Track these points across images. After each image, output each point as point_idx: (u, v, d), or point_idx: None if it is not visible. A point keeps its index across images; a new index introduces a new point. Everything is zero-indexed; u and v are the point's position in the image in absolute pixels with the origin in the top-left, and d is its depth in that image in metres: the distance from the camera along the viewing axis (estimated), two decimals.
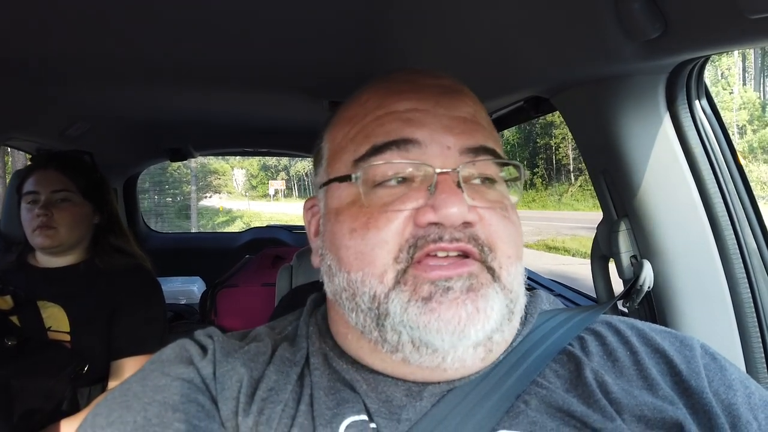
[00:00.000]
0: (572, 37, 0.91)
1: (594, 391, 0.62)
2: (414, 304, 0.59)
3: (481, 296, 0.59)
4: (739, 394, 0.64)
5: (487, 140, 0.66)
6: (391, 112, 0.65)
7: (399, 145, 0.63)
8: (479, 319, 0.58)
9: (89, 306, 1.63)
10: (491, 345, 0.62)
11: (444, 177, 0.61)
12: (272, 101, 2.08)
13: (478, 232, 0.61)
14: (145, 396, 0.61)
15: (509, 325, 0.63)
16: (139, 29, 1.14)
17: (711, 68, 35.25)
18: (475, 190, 0.64)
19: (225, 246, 3.90)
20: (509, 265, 0.63)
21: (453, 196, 0.59)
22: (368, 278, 0.61)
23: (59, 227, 1.64)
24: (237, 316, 2.61)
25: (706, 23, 0.69)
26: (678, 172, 1.03)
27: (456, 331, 0.58)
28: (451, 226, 0.59)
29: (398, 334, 0.60)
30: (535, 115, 1.44)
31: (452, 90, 0.69)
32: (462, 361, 0.60)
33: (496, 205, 0.64)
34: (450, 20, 1.02)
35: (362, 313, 0.63)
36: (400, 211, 0.61)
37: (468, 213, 0.60)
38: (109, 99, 1.96)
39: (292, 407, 0.62)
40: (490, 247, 0.62)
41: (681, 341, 0.69)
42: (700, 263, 1.03)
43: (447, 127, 0.64)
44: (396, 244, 0.61)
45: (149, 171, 23.73)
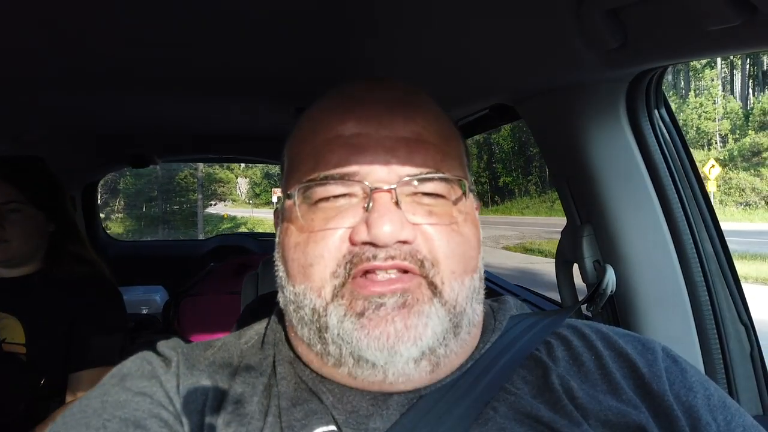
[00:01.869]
0: (535, 46, 0.93)
1: (560, 396, 0.63)
2: (348, 318, 0.59)
3: (414, 313, 0.59)
4: (699, 396, 0.65)
5: (432, 159, 0.65)
6: (336, 137, 0.65)
7: (343, 177, 0.63)
8: (409, 336, 0.58)
9: (46, 317, 1.57)
10: (436, 359, 0.62)
11: (380, 195, 0.61)
12: (237, 107, 2.06)
13: (418, 247, 0.61)
14: (105, 412, 0.60)
15: (455, 339, 0.63)
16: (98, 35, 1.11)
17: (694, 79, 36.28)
18: (418, 205, 0.63)
19: (189, 254, 3.83)
20: (452, 280, 0.62)
21: (386, 215, 0.59)
22: (308, 292, 0.62)
23: (11, 240, 1.56)
24: (201, 325, 2.56)
25: (664, 35, 0.71)
26: (639, 179, 1.06)
27: (386, 348, 0.58)
28: (384, 245, 0.59)
29: (339, 348, 0.61)
30: (500, 123, 1.46)
31: (400, 104, 0.68)
32: (405, 375, 0.60)
33: (442, 220, 0.63)
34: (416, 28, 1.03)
35: (306, 326, 0.63)
36: (337, 228, 0.62)
37: (402, 231, 0.60)
38: (67, 104, 1.91)
39: (259, 419, 0.61)
40: (432, 261, 0.61)
41: (643, 345, 0.71)
42: (660, 268, 1.05)
43: (389, 149, 0.63)
44: (333, 260, 0.61)
45: (157, 179, 23.12)
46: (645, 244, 1.05)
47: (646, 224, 1.05)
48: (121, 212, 31.29)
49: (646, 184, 1.05)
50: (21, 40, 1.15)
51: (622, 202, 1.06)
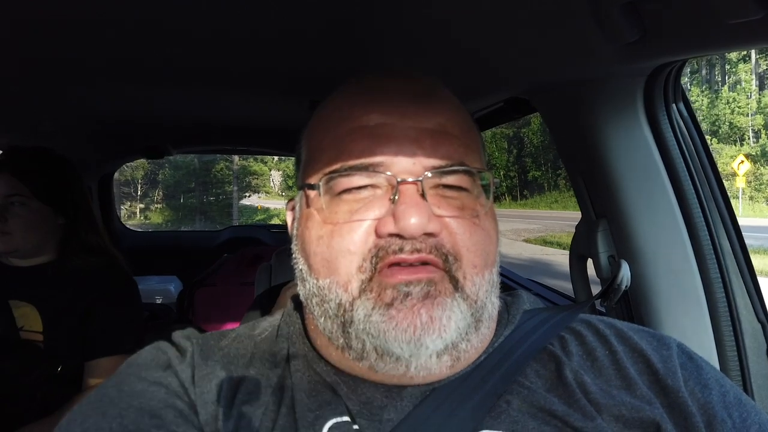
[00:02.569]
0: (552, 39, 0.92)
1: (574, 391, 0.63)
2: (377, 311, 0.59)
3: (437, 304, 0.59)
4: (715, 393, 0.65)
5: (456, 151, 0.65)
6: (360, 127, 0.65)
7: (368, 168, 0.63)
8: (434, 329, 0.58)
9: (62, 305, 1.60)
10: (458, 353, 0.62)
11: (407, 186, 0.61)
12: (251, 99, 2.06)
13: (442, 241, 0.61)
14: (122, 402, 0.60)
15: (476, 333, 0.63)
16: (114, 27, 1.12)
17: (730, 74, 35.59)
18: (442, 198, 0.63)
19: (203, 245, 3.86)
20: (474, 275, 0.62)
21: (413, 207, 0.59)
22: (334, 286, 0.62)
23: (14, 233, 1.58)
24: (215, 315, 2.58)
25: (684, 28, 0.70)
26: (655, 174, 1.04)
27: (412, 340, 0.58)
28: (411, 237, 0.59)
29: (362, 342, 0.60)
30: (515, 117, 1.45)
31: (423, 96, 0.67)
32: (427, 369, 0.60)
33: (465, 213, 0.63)
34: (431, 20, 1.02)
35: (330, 320, 0.63)
36: (363, 221, 0.61)
37: (429, 223, 0.59)
38: (83, 96, 1.92)
39: (272, 410, 0.61)
40: (455, 256, 0.61)
41: (658, 340, 0.70)
42: (676, 264, 1.04)
43: (414, 140, 0.63)
44: (360, 254, 0.61)
45: (195, 172, 23.74)
46: (661, 239, 1.04)
47: (662, 220, 1.04)
48: (160, 203, 32.44)
49: (662, 179, 1.04)
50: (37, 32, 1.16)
51: (638, 197, 1.05)
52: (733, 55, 32.18)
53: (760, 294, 1.05)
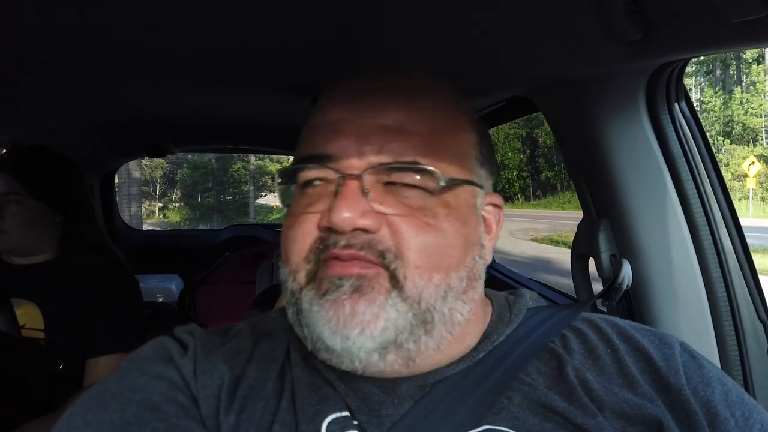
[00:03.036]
0: (554, 37, 0.92)
1: (575, 388, 0.63)
2: (316, 302, 0.60)
3: (364, 300, 0.58)
4: (717, 391, 0.65)
5: (411, 149, 0.63)
6: (323, 123, 0.66)
7: (318, 159, 0.64)
8: (356, 322, 0.58)
9: (63, 304, 1.60)
10: (407, 354, 0.61)
11: (346, 182, 0.61)
12: (253, 98, 2.06)
13: (379, 238, 0.60)
14: (123, 395, 0.60)
15: (429, 335, 0.62)
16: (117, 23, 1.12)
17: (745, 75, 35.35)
18: (391, 195, 0.62)
19: (204, 243, 3.87)
20: (417, 275, 0.60)
21: (344, 200, 0.59)
22: (287, 275, 0.64)
23: (9, 231, 1.59)
24: (216, 314, 2.59)
25: (687, 26, 0.70)
26: (657, 173, 1.04)
27: (337, 331, 0.58)
28: (342, 232, 0.59)
29: (311, 332, 0.61)
30: (517, 116, 1.45)
31: (387, 92, 0.67)
32: (375, 366, 0.60)
33: (417, 213, 0.62)
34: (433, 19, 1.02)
35: (290, 308, 0.64)
36: (312, 213, 0.63)
37: (361, 219, 0.59)
38: (86, 93, 1.93)
39: (273, 404, 0.62)
40: (396, 254, 0.60)
41: (660, 339, 0.70)
42: (678, 263, 1.04)
43: (363, 137, 0.63)
44: (305, 245, 0.62)
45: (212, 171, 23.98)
46: (662, 239, 1.04)
47: (664, 219, 1.04)
48: (178, 202, 33.07)
49: (664, 178, 1.04)
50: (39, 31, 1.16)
51: (640, 197, 1.05)
52: (748, 55, 32.00)
53: (762, 293, 1.05)
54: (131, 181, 18.90)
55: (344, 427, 0.59)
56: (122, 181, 19.04)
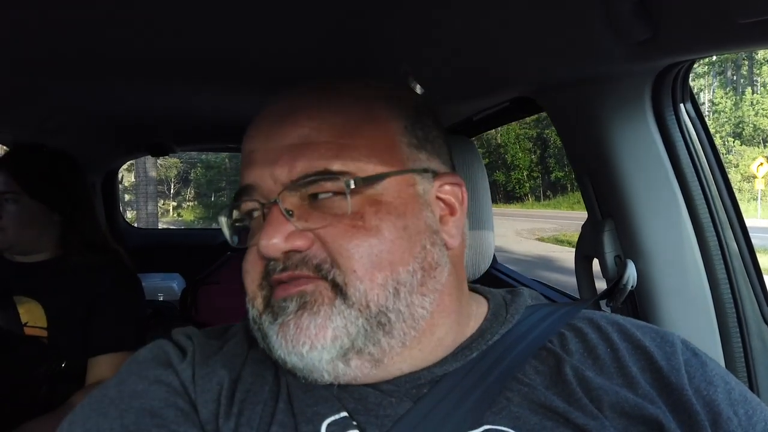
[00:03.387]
0: (560, 37, 0.92)
1: (574, 389, 0.63)
2: (271, 326, 0.62)
3: (309, 314, 0.60)
4: (720, 390, 0.65)
5: (319, 159, 0.63)
6: (243, 156, 0.69)
7: (246, 191, 0.67)
8: (306, 337, 0.59)
9: (65, 302, 1.60)
10: (370, 356, 0.61)
11: (270, 208, 0.63)
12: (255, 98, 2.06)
13: (312, 253, 0.61)
14: (122, 402, 0.61)
15: (388, 335, 0.61)
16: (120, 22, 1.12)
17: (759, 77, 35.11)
18: (315, 209, 0.63)
19: (206, 243, 3.86)
20: (356, 280, 0.60)
21: (269, 228, 0.61)
22: (248, 302, 0.66)
23: (6, 229, 1.60)
24: (218, 313, 2.58)
25: (695, 27, 0.70)
26: (662, 174, 1.04)
27: (291, 351, 0.60)
28: (274, 259, 0.62)
29: (275, 355, 0.62)
30: (521, 116, 1.45)
31: (293, 110, 0.66)
32: (344, 375, 0.61)
33: (343, 219, 0.62)
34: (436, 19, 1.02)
35: (256, 334, 0.66)
36: (253, 245, 0.65)
37: (286, 243, 0.61)
38: (88, 93, 1.93)
39: (270, 405, 0.62)
40: (333, 263, 0.61)
41: (662, 337, 0.70)
42: (683, 264, 1.04)
43: (272, 161, 0.64)
44: (256, 274, 0.64)
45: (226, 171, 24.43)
46: (667, 240, 1.04)
47: (669, 220, 1.04)
48: (192, 201, 33.96)
49: (669, 179, 1.04)
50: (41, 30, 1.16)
51: (645, 197, 1.04)
52: (761, 56, 31.84)
53: (767, 293, 1.05)
54: (148, 180, 19.26)
55: (344, 428, 0.59)
56: (140, 181, 19.25)
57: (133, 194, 22.78)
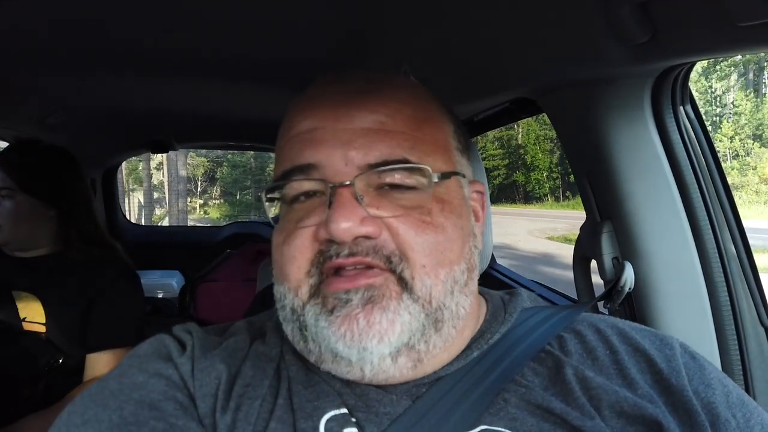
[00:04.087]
0: (561, 39, 0.92)
1: (573, 388, 0.63)
2: (322, 317, 0.60)
3: (378, 309, 0.59)
4: (718, 392, 0.65)
5: (397, 147, 0.63)
6: (296, 134, 0.66)
7: (303, 170, 0.64)
8: (374, 333, 0.58)
9: (64, 297, 1.61)
10: (417, 355, 0.61)
11: (339, 191, 0.61)
12: (256, 95, 2.07)
13: (382, 242, 0.60)
14: (122, 394, 0.61)
15: (438, 334, 0.62)
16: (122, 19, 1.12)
17: None
18: (385, 197, 0.62)
19: (205, 240, 3.87)
20: (423, 275, 0.61)
21: (340, 210, 0.59)
22: (287, 291, 0.63)
23: (2, 226, 1.61)
24: (217, 310, 2.59)
25: (695, 30, 0.70)
26: (661, 176, 1.04)
27: (353, 345, 0.58)
28: (343, 242, 0.59)
29: (318, 345, 0.61)
30: (521, 117, 1.45)
31: (360, 95, 0.66)
32: (384, 372, 0.60)
33: (413, 212, 0.62)
34: (437, 20, 1.02)
35: (289, 324, 0.64)
36: (306, 227, 0.62)
37: (360, 227, 0.59)
38: (89, 89, 1.93)
39: (269, 401, 0.62)
40: (401, 256, 0.60)
41: (661, 340, 0.70)
42: (680, 266, 1.04)
43: (346, 142, 0.63)
44: (305, 260, 0.62)
45: (251, 170, 24.83)
46: (665, 242, 1.04)
47: (667, 222, 1.04)
48: (218, 199, 34.71)
49: (668, 181, 1.04)
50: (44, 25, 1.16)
51: (644, 199, 1.04)
52: None
53: (765, 298, 1.05)
54: (179, 179, 19.95)
55: (343, 425, 0.59)
56: (171, 179, 19.93)
57: (161, 192, 23.30)
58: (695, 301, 1.04)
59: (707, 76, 34.80)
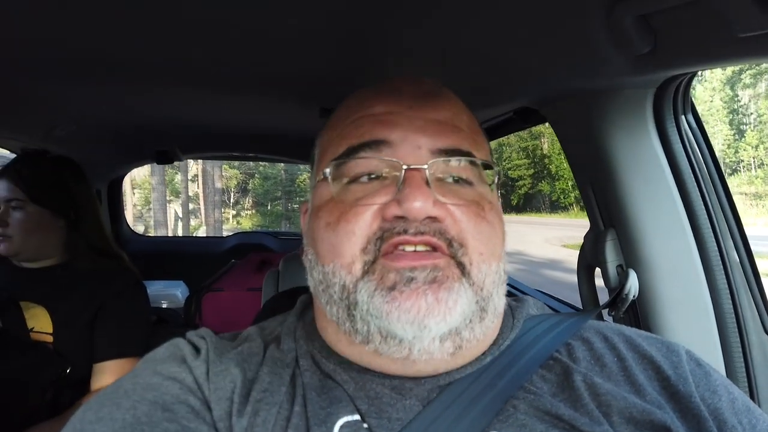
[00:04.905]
0: (564, 50, 0.93)
1: (582, 395, 0.63)
2: (379, 293, 0.60)
3: (444, 289, 0.60)
4: (724, 399, 0.66)
5: (462, 143, 0.67)
6: (366, 115, 0.68)
7: (372, 146, 0.66)
8: (440, 311, 0.59)
9: (72, 307, 1.61)
10: (460, 341, 0.62)
11: (412, 173, 0.63)
12: (262, 106, 2.07)
13: (446, 227, 0.63)
14: (136, 394, 0.61)
15: (480, 324, 0.64)
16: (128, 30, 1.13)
17: None
18: (447, 188, 0.65)
19: (210, 250, 3.87)
20: (480, 262, 0.63)
21: (417, 189, 0.61)
22: (338, 269, 0.64)
23: (14, 236, 1.62)
24: (222, 320, 2.59)
25: (695, 41, 0.71)
26: (664, 184, 1.05)
27: (416, 321, 0.59)
28: (415, 220, 0.61)
29: (366, 324, 0.62)
30: (524, 126, 1.46)
31: (430, 93, 0.71)
32: (429, 353, 0.61)
33: (470, 204, 0.65)
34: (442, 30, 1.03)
35: (335, 305, 0.65)
36: (370, 205, 0.64)
37: (433, 208, 0.61)
38: (97, 100, 1.94)
39: (287, 408, 0.62)
40: (461, 242, 0.63)
41: (667, 347, 0.71)
42: (684, 274, 1.05)
43: (420, 128, 0.66)
44: (363, 236, 0.63)
45: (281, 182, 25.66)
46: (669, 250, 1.05)
47: (670, 230, 1.05)
48: (250, 209, 35.99)
49: (671, 190, 1.05)
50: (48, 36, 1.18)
51: (647, 207, 1.05)
52: None
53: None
54: (215, 190, 21.01)
55: (355, 431, 0.60)
56: (208, 191, 20.98)
57: (196, 203, 24.14)
58: (699, 308, 1.05)
59: (732, 86, 34.73)
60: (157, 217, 17.55)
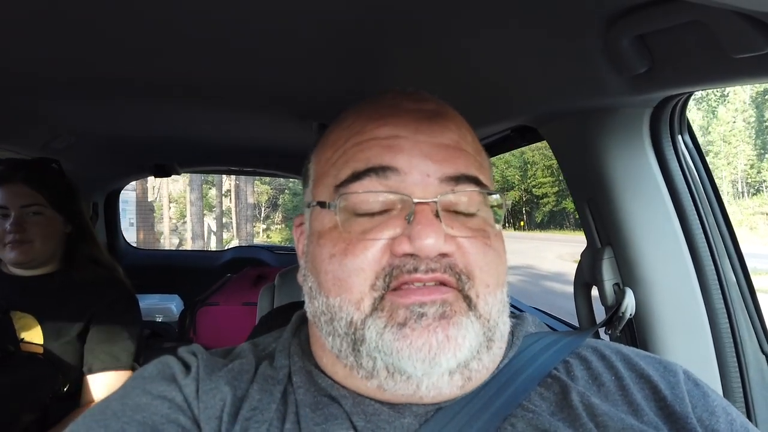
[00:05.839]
0: (561, 69, 0.94)
1: (580, 414, 0.62)
2: (389, 330, 0.59)
3: (453, 324, 0.59)
4: (722, 420, 0.65)
5: (469, 167, 0.66)
6: (371, 138, 0.66)
7: (378, 172, 0.63)
8: (450, 348, 0.58)
9: (63, 318, 1.59)
10: (469, 373, 0.62)
11: (422, 207, 0.61)
12: (260, 121, 2.08)
13: (455, 261, 0.61)
14: (124, 415, 0.60)
15: (488, 353, 0.63)
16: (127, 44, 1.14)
17: None
18: (455, 218, 0.64)
19: (205, 264, 3.86)
20: (487, 294, 0.63)
21: (428, 227, 0.59)
22: (345, 304, 0.62)
23: (34, 241, 1.61)
24: (217, 334, 2.58)
25: (691, 61, 0.72)
26: (660, 203, 1.05)
27: (427, 359, 0.58)
28: (427, 258, 0.60)
29: (373, 360, 0.60)
30: (522, 144, 1.47)
31: (436, 115, 0.69)
32: (438, 389, 0.60)
33: (477, 234, 0.64)
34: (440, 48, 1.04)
35: (339, 338, 0.63)
36: (377, 240, 0.62)
37: (444, 244, 0.60)
38: (95, 114, 1.95)
39: (277, 426, 0.61)
40: (468, 275, 0.62)
41: (665, 367, 0.70)
42: (681, 293, 1.05)
43: (427, 154, 0.64)
44: (372, 272, 0.61)
45: (298, 194, 26.01)
46: (666, 268, 1.05)
47: (667, 249, 1.05)
48: (280, 224, 36.68)
49: (667, 208, 1.05)
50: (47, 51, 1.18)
51: (644, 226, 1.05)
52: None
53: (764, 324, 1.05)
54: (247, 205, 22.27)
55: None
56: (241, 206, 22.18)
57: (228, 217, 25.10)
58: (696, 327, 1.05)
59: (758, 107, 34.93)
60: (195, 230, 18.83)
